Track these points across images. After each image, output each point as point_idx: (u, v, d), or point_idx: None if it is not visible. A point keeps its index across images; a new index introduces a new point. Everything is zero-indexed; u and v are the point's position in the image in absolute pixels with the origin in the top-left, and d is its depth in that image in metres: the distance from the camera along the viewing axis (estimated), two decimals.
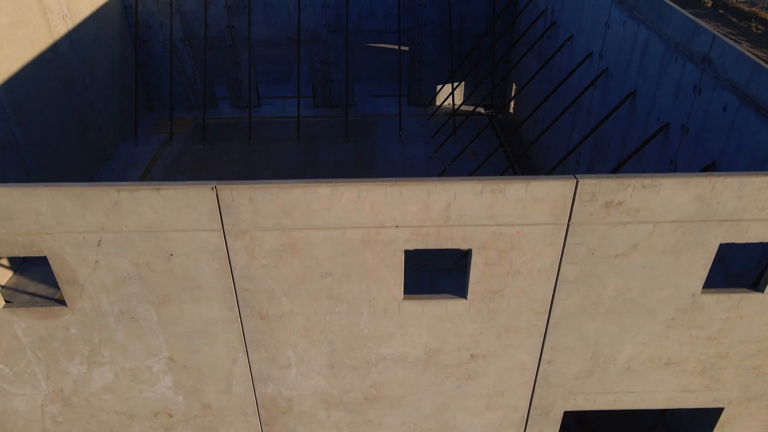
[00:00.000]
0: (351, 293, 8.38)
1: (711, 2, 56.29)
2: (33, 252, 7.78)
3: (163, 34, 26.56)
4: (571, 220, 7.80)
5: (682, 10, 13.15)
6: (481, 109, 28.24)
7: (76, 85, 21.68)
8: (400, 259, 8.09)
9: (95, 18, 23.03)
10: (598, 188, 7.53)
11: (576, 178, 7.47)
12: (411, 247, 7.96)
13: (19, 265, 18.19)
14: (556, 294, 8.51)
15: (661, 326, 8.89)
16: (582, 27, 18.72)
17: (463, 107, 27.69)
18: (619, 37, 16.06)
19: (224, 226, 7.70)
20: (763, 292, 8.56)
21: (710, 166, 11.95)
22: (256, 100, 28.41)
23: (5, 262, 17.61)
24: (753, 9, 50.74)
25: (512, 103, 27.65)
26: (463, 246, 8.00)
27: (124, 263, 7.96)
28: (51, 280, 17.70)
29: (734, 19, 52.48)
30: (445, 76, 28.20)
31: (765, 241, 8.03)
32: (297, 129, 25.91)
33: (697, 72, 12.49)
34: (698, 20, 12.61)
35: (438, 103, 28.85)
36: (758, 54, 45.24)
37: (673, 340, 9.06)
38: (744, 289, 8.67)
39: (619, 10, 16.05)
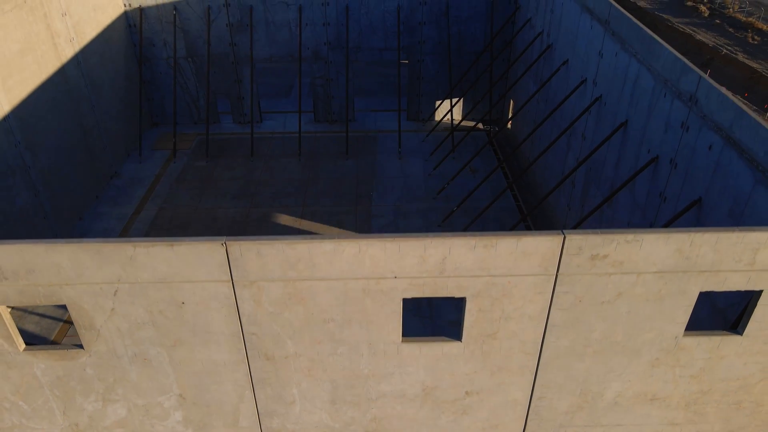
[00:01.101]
0: (352, 337, 8.88)
1: (708, 11, 56.37)
2: (53, 301, 8.27)
3: (166, 52, 27.04)
4: (560, 272, 8.29)
5: (670, 49, 13.61)
6: (480, 125, 28.71)
7: (83, 106, 22.16)
8: (399, 307, 8.58)
9: (101, 38, 23.50)
10: (584, 243, 8.02)
11: (563, 233, 7.96)
12: (408, 295, 8.45)
13: None
14: (545, 337, 9.00)
15: (646, 366, 9.38)
16: (576, 53, 19.20)
17: (462, 123, 28.17)
18: (612, 67, 16.53)
19: (233, 278, 8.19)
20: (741, 334, 9.05)
21: (696, 202, 12.44)
22: (258, 115, 28.90)
23: None
24: (750, 19, 50.98)
25: (510, 113, 28.11)
26: (458, 294, 8.48)
27: (138, 311, 8.45)
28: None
29: (731, 30, 52.61)
30: (443, 92, 28.69)
31: (742, 289, 8.52)
32: (298, 145, 26.39)
33: (684, 110, 12.97)
34: (685, 59, 13.08)
35: (437, 118, 29.34)
36: (755, 65, 45.26)
37: (657, 378, 9.55)
38: (724, 332, 9.16)
39: (612, 41, 16.52)
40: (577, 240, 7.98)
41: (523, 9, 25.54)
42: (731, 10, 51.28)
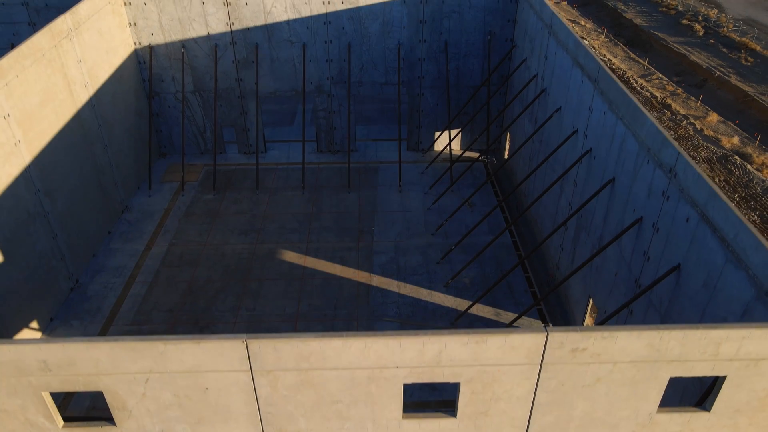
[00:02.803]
0: (357, 415, 9.86)
1: (703, 30, 57.46)
2: (91, 388, 9.25)
3: (175, 87, 27.99)
4: (544, 362, 9.27)
5: (653, 120, 14.56)
6: (477, 155, 29.67)
7: (96, 146, 23.12)
8: (400, 390, 9.57)
9: (113, 79, 24.45)
10: (565, 339, 9.00)
11: (546, 331, 8.94)
12: (409, 381, 9.43)
13: (46, 325, 19.66)
14: (532, 414, 9.99)
15: None
16: (569, 103, 20.16)
17: (459, 153, 29.11)
18: (601, 124, 17.49)
19: (252, 368, 9.16)
20: (709, 411, 10.03)
21: (675, 268, 13.41)
22: (262, 146, 29.86)
23: (35, 324, 19.08)
24: (743, 39, 52.07)
25: (507, 150, 29.08)
26: (453, 380, 9.46)
27: (166, 395, 9.43)
28: None
29: (725, 50, 53.81)
30: (443, 124, 29.65)
31: (708, 375, 9.50)
32: (302, 178, 27.33)
33: (665, 180, 13.93)
34: (666, 133, 14.03)
35: (436, 148, 30.31)
36: (747, 89, 46.32)
37: None
38: (693, 408, 10.15)
39: (601, 99, 17.48)
40: (558, 336, 8.96)
41: (519, 48, 26.50)
42: (726, 29, 52.20)
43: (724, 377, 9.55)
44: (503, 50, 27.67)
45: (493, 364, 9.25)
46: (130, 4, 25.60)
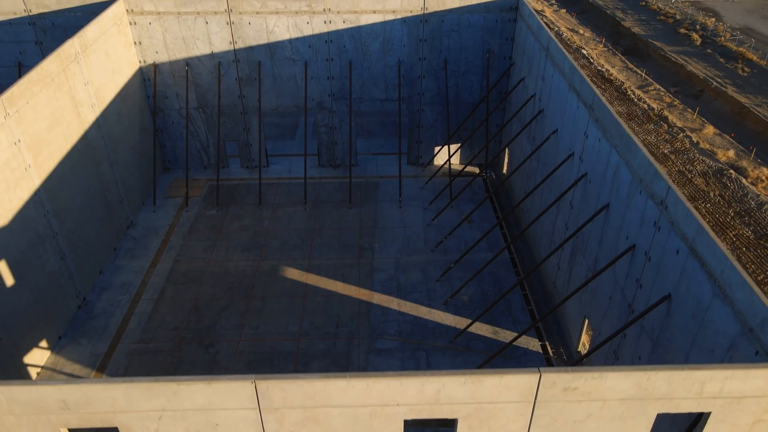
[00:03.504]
0: None
1: (700, 40, 57.81)
2: (107, 424, 9.74)
3: (178, 103, 28.46)
4: (537, 399, 9.76)
5: (645, 152, 15.03)
6: (476, 169, 30.18)
7: (102, 166, 23.59)
8: (400, 426, 10.05)
9: (118, 98, 24.92)
10: (557, 379, 9.49)
11: (539, 372, 9.43)
12: (409, 417, 9.93)
13: (55, 344, 20.16)
14: None
15: None
16: (565, 126, 20.63)
17: (459, 167, 29.59)
18: (596, 151, 17.97)
19: (260, 406, 9.65)
20: None
21: (666, 298, 13.90)
22: (265, 160, 30.34)
23: (44, 343, 19.57)
24: (740, 48, 52.51)
25: (505, 165, 29.57)
26: (451, 416, 9.95)
27: (178, 430, 9.91)
28: (85, 360, 19.69)
29: (722, 60, 54.18)
30: (442, 139, 30.13)
31: (693, 411, 10.00)
32: (304, 193, 27.81)
33: (656, 211, 14.41)
34: (658, 166, 14.50)
35: (435, 162, 30.78)
36: (743, 100, 46.77)
37: None
38: None
39: (596, 127, 17.95)
40: (551, 377, 9.45)
41: (517, 66, 26.98)
42: (723, 38, 52.65)
43: (709, 413, 10.04)
44: (502, 68, 28.15)
45: (489, 401, 9.73)
46: (135, 23, 26.07)
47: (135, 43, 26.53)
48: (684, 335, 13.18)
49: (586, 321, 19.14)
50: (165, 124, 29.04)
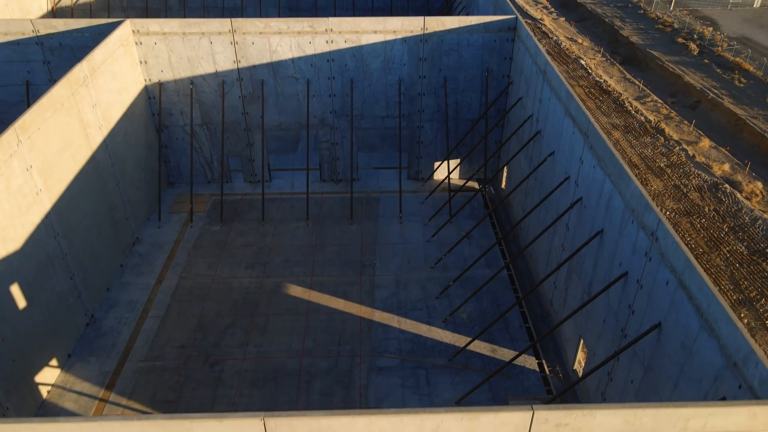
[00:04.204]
0: None
1: (698, 49, 58.36)
2: None
3: (183, 120, 29.02)
4: None
5: (637, 183, 15.57)
6: (475, 184, 30.73)
7: (109, 185, 24.14)
8: None
9: (125, 117, 25.47)
10: (549, 416, 10.04)
11: (533, 409, 9.98)
12: None
13: (65, 362, 20.72)
14: None
15: None
16: (561, 149, 21.18)
17: (458, 182, 30.14)
18: (590, 177, 18.51)
19: None
20: None
21: (657, 326, 14.45)
22: (267, 175, 30.90)
23: (54, 362, 20.13)
24: (737, 59, 53.07)
25: (504, 180, 30.13)
26: None
27: None
28: (94, 378, 20.25)
29: (719, 70, 54.75)
30: (442, 154, 30.69)
31: None
32: (306, 209, 28.37)
33: (648, 242, 14.96)
34: (649, 198, 15.04)
35: (435, 177, 31.34)
36: (740, 112, 47.35)
37: None
38: None
39: (591, 154, 18.49)
40: (543, 414, 10.00)
41: (515, 85, 27.53)
42: (720, 48, 53.17)
43: None
44: (500, 86, 28.70)
45: None
46: (141, 43, 26.61)
47: (141, 62, 27.08)
48: (673, 363, 13.73)
49: (582, 340, 19.69)
50: (169, 140, 29.60)
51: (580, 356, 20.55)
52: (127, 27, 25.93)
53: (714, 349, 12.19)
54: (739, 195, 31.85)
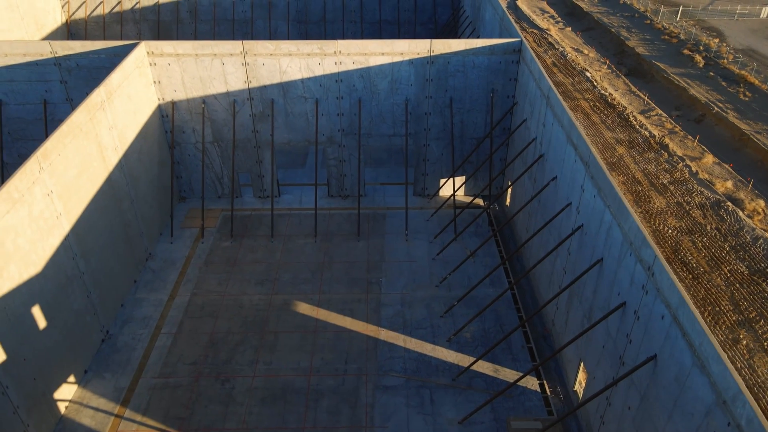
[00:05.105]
0: None
1: (703, 62, 58.57)
2: None
3: (195, 137, 29.73)
4: None
5: (635, 217, 16.10)
6: (480, 201, 31.30)
7: (124, 203, 24.86)
8: None
9: (139, 136, 26.19)
10: None
11: None
12: None
13: (81, 377, 21.46)
14: None
15: None
16: (563, 175, 21.72)
17: (463, 199, 30.70)
18: (591, 206, 19.06)
19: None
20: None
21: (652, 358, 15.00)
22: (276, 191, 31.57)
23: (72, 378, 20.86)
24: (743, 72, 53.29)
25: (508, 197, 30.68)
26: None
27: None
28: (110, 394, 20.97)
29: (724, 84, 54.95)
30: (447, 172, 31.27)
31: None
32: (314, 225, 29.01)
33: (644, 275, 15.50)
34: (647, 233, 15.58)
35: (441, 194, 31.92)
36: (744, 127, 47.57)
37: None
38: None
39: (591, 183, 19.04)
40: None
41: (520, 105, 28.07)
42: (726, 60, 53.44)
43: None
44: (505, 106, 29.25)
45: None
46: (155, 64, 27.32)
47: (155, 82, 27.79)
48: (668, 395, 14.29)
49: (582, 363, 20.25)
50: (181, 156, 30.31)
51: (581, 377, 21.11)
52: (142, 49, 26.65)
53: (705, 386, 12.73)
54: (741, 213, 32.24)
